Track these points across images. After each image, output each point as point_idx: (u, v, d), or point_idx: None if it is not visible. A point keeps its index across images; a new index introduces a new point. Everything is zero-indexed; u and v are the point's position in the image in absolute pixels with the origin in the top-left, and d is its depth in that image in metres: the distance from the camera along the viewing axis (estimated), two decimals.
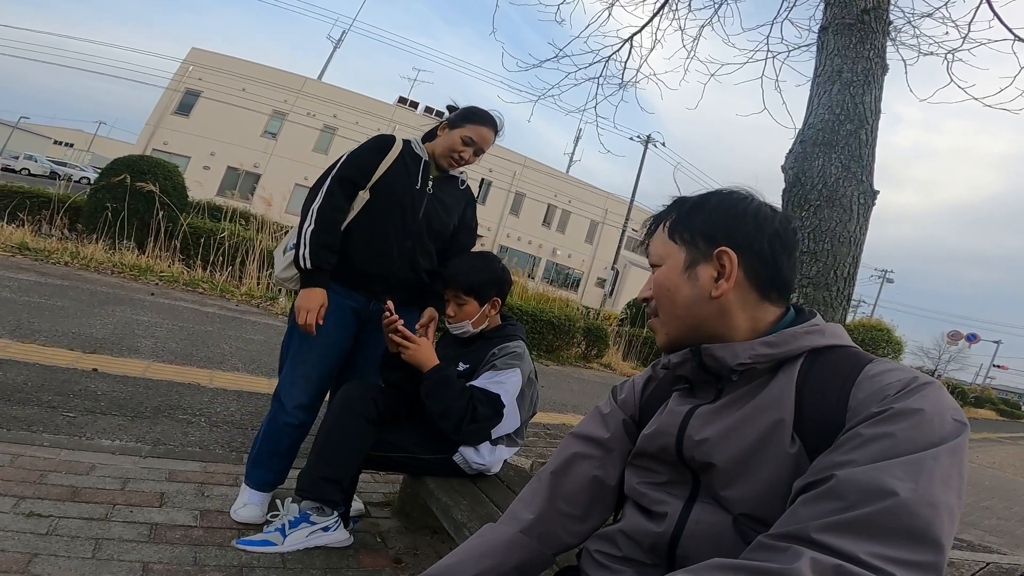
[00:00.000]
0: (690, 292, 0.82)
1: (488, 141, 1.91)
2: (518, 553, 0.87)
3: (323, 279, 1.79)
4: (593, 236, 37.04)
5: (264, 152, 28.03)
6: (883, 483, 0.58)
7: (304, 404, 1.86)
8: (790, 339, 0.78)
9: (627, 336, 11.02)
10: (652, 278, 0.88)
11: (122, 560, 1.44)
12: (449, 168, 1.93)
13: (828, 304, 2.09)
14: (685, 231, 0.84)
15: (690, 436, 0.80)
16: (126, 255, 6.83)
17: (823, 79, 2.15)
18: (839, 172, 1.99)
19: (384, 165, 1.85)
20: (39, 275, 5.37)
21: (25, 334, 3.48)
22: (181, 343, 4.22)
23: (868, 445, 0.62)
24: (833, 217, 1.99)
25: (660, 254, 0.87)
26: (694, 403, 0.84)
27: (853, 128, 2.02)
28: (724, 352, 0.80)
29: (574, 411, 5.54)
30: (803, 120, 2.19)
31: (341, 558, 1.71)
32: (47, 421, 2.32)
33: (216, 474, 2.11)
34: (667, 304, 0.85)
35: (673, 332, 0.85)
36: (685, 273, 0.83)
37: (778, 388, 0.76)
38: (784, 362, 0.78)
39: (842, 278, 2.10)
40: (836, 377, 0.73)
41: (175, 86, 27.18)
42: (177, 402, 2.96)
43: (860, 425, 0.65)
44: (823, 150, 2.04)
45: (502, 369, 1.74)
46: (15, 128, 40.72)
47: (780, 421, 0.73)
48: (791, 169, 2.10)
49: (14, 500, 1.58)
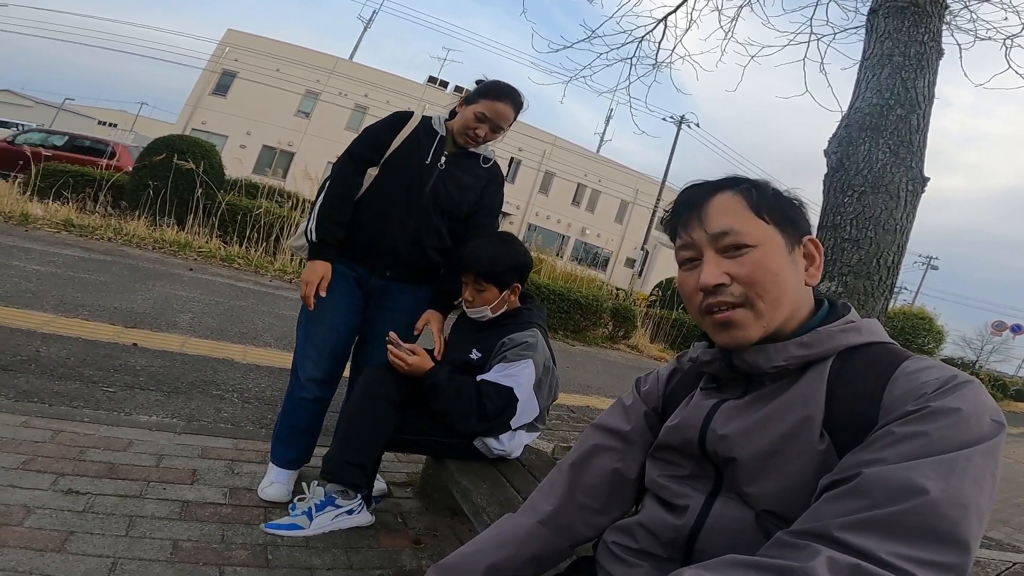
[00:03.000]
0: (794, 277, 0.78)
1: (505, 117, 1.82)
2: (535, 544, 0.88)
3: (327, 252, 1.80)
4: (623, 216, 36.57)
5: (298, 131, 28.53)
6: (912, 481, 0.56)
7: (317, 378, 1.88)
8: (825, 338, 0.75)
9: (656, 318, 10.87)
10: (719, 262, 0.76)
11: (153, 538, 1.49)
12: (466, 146, 1.87)
13: (868, 294, 2.00)
14: (775, 211, 0.79)
15: (714, 430, 0.78)
16: (166, 231, 7.04)
17: (872, 62, 2.05)
18: (887, 158, 1.90)
19: (398, 140, 1.84)
20: (83, 251, 5.59)
21: (69, 309, 3.63)
22: (217, 318, 4.34)
23: (900, 444, 0.60)
24: (878, 204, 1.90)
25: (752, 233, 0.76)
26: (720, 397, 0.82)
27: (904, 113, 1.93)
28: (757, 355, 0.77)
29: (599, 393, 5.51)
30: (849, 104, 2.10)
31: (361, 538, 1.74)
32: (88, 396, 2.42)
33: (246, 451, 2.17)
34: (774, 290, 0.75)
35: (773, 324, 0.76)
36: (789, 256, 0.78)
37: (807, 385, 0.73)
38: (816, 360, 0.75)
39: (885, 267, 2.00)
40: (871, 373, 0.70)
41: (212, 67, 27.86)
42: (211, 377, 3.06)
43: (894, 423, 0.63)
44: (870, 135, 1.95)
45: (513, 361, 1.71)
46: (60, 109, 42.22)
47: (808, 418, 0.70)
48: (834, 154, 2.00)
49: (53, 477, 1.65)
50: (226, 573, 1.43)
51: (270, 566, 1.51)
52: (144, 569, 1.35)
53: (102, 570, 1.31)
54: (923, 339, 12.38)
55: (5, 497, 1.48)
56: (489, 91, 1.82)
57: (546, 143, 32.68)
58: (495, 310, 1.80)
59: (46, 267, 4.56)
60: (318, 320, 1.86)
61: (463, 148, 1.89)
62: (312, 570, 1.54)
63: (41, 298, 3.69)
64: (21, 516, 1.42)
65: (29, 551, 1.30)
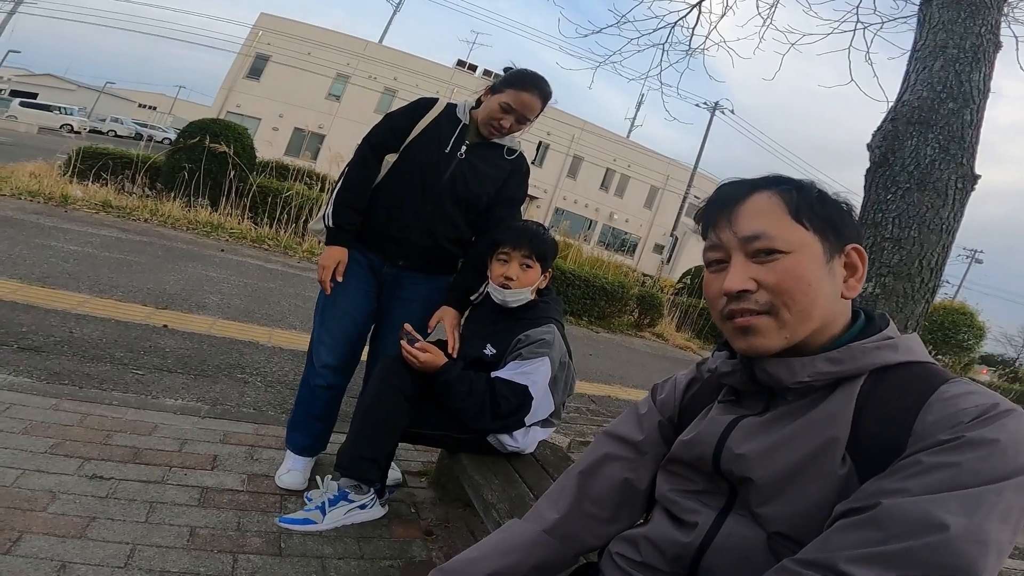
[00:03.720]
0: (830, 289, 0.73)
1: (531, 108, 1.76)
2: (539, 552, 0.86)
3: (342, 238, 1.81)
4: (652, 202, 36.07)
5: (328, 114, 29.00)
6: (933, 516, 0.53)
7: (331, 364, 1.89)
8: (857, 355, 0.69)
9: (683, 306, 10.69)
10: (747, 267, 0.72)
11: (172, 524, 1.52)
12: (490, 136, 1.82)
13: (908, 296, 1.90)
14: (816, 218, 0.73)
15: (730, 448, 0.75)
16: (200, 212, 7.21)
17: (923, 54, 1.94)
18: (935, 153, 1.78)
19: (419, 127, 1.81)
20: (120, 231, 5.76)
21: (104, 289, 3.74)
22: (245, 300, 4.43)
23: (927, 474, 0.56)
24: (924, 201, 1.79)
25: (788, 239, 0.71)
26: (739, 413, 0.78)
27: (956, 107, 1.81)
28: (781, 369, 0.72)
29: (620, 383, 5.46)
30: (896, 96, 1.97)
31: (374, 528, 1.76)
32: (117, 379, 2.49)
33: (266, 436, 2.21)
34: (804, 301, 0.70)
35: (797, 337, 0.71)
36: (827, 265, 0.72)
37: (835, 405, 0.68)
38: (846, 377, 0.70)
39: (928, 268, 1.89)
40: (905, 396, 0.65)
41: (246, 51, 28.56)
42: (237, 360, 3.12)
43: (923, 452, 0.59)
44: (918, 129, 1.83)
45: (528, 358, 1.68)
46: (102, 93, 43.62)
47: (832, 440, 0.66)
48: (878, 148, 1.89)
49: (79, 462, 1.69)
50: (239, 561, 1.45)
51: (283, 554, 1.53)
52: (161, 556, 1.39)
53: (120, 557, 1.34)
54: (963, 335, 11.89)
55: (32, 482, 1.53)
56: (516, 80, 1.76)
57: (575, 127, 32.46)
58: (534, 292, 1.78)
59: (84, 248, 4.72)
60: (333, 306, 1.87)
61: (487, 138, 1.84)
62: (323, 559, 1.56)
63: (77, 279, 3.82)
64: (46, 502, 1.47)
65: (52, 537, 1.34)
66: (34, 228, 4.97)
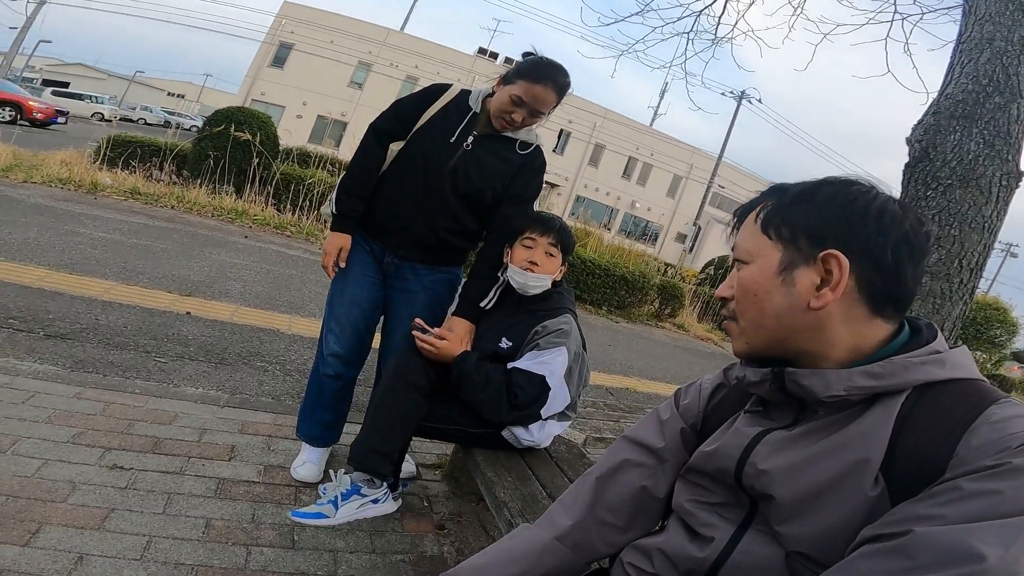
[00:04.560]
0: (783, 299, 0.70)
1: (544, 102, 1.66)
2: (549, 560, 0.84)
3: (345, 224, 1.80)
4: (675, 190, 35.55)
5: (351, 101, 29.17)
6: (968, 546, 0.50)
7: (338, 353, 1.88)
8: (900, 370, 0.64)
9: (705, 296, 10.52)
10: (735, 276, 0.76)
11: (188, 516, 1.54)
12: (501, 130, 1.73)
13: (945, 297, 1.82)
14: (784, 225, 0.70)
15: (753, 463, 0.71)
16: (225, 199, 7.32)
17: (969, 46, 1.84)
18: (979, 149, 1.69)
19: (428, 114, 1.75)
20: (148, 218, 5.88)
21: (130, 276, 3.82)
22: (266, 287, 4.49)
23: (965, 502, 0.53)
24: (966, 199, 1.70)
25: (748, 250, 0.74)
26: (766, 426, 0.74)
27: (1003, 102, 1.72)
28: (813, 381, 0.67)
29: (640, 375, 5.40)
30: (939, 89, 1.87)
31: (386, 521, 1.76)
32: (140, 367, 2.53)
33: (283, 427, 2.22)
34: (752, 311, 0.72)
35: (755, 343, 0.73)
36: (779, 276, 0.70)
37: (871, 423, 0.64)
38: (885, 393, 0.64)
39: (967, 268, 1.80)
40: (949, 416, 0.61)
41: (270, 39, 28.88)
42: (257, 349, 3.15)
43: (964, 477, 0.55)
44: (962, 123, 1.74)
45: (546, 348, 1.65)
46: (132, 82, 44.53)
47: (865, 461, 0.62)
48: (919, 142, 1.80)
49: (100, 452, 1.72)
50: (253, 553, 1.46)
51: (295, 547, 1.54)
52: (176, 548, 1.40)
53: (136, 548, 1.36)
54: (995, 330, 11.48)
55: (54, 472, 1.56)
56: (528, 72, 1.65)
57: (597, 116, 32.15)
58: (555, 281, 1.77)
59: (111, 234, 4.82)
60: (340, 295, 1.88)
61: (499, 131, 1.76)
62: (335, 553, 1.56)
63: (104, 265, 3.90)
64: (67, 492, 1.49)
65: (71, 529, 1.36)
66: (64, 215, 5.10)
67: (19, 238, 4.00)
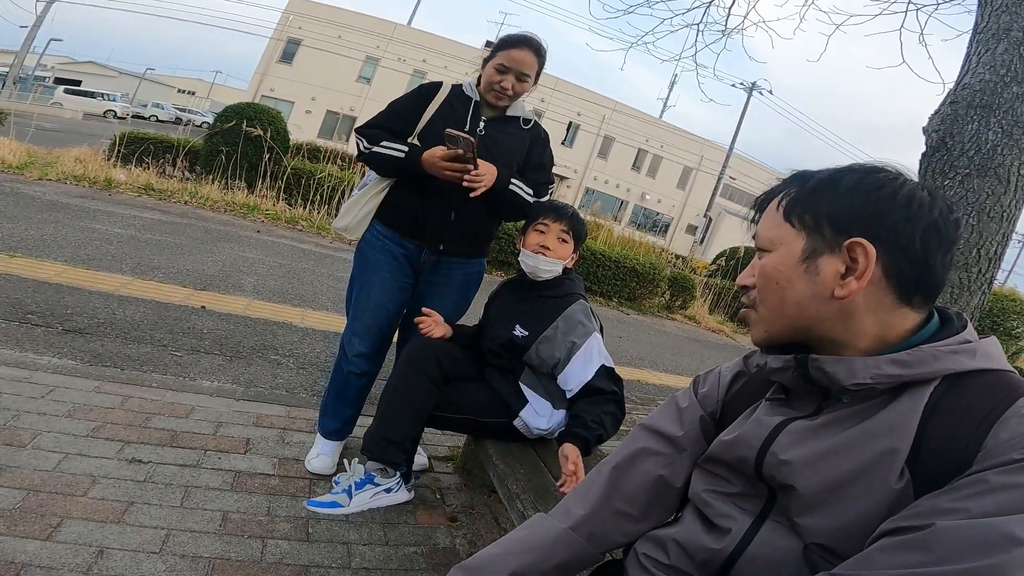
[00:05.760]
0: (806, 288, 0.69)
1: (525, 63, 1.77)
2: (563, 550, 0.83)
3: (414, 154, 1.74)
4: (686, 182, 35.26)
5: (359, 96, 29.21)
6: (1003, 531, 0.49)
7: (364, 353, 1.91)
8: (929, 359, 0.63)
9: (716, 288, 10.45)
10: (756, 265, 0.75)
11: (205, 509, 1.56)
12: (497, 102, 1.82)
13: (964, 287, 1.80)
14: (807, 213, 0.69)
15: (774, 453, 0.70)
16: (237, 195, 7.39)
17: (986, 36, 1.82)
18: (997, 138, 1.67)
19: (430, 111, 1.81)
20: (161, 213, 5.94)
21: (145, 271, 3.87)
22: (279, 280, 4.52)
23: (990, 495, 0.52)
24: (984, 188, 1.68)
25: (770, 238, 0.72)
26: (788, 415, 0.73)
27: (1021, 91, 1.70)
28: (838, 368, 0.66)
29: (651, 367, 5.38)
30: (956, 79, 1.86)
31: (399, 514, 1.78)
32: (157, 360, 2.57)
33: (297, 419, 2.25)
34: (773, 300, 0.71)
35: (776, 331, 0.73)
36: (802, 264, 0.69)
37: (898, 413, 0.62)
38: (913, 382, 0.63)
39: (986, 258, 1.78)
40: (978, 408, 0.59)
41: (278, 35, 28.96)
42: (271, 342, 3.19)
43: (991, 470, 0.53)
44: (980, 113, 1.72)
45: (582, 342, 1.67)
46: (142, 79, 44.87)
47: (892, 452, 0.60)
48: (935, 132, 1.77)
49: (119, 445, 1.75)
50: (268, 546, 1.49)
51: (310, 540, 1.56)
52: (194, 541, 1.43)
53: (155, 541, 1.39)
54: (1012, 322, 11.30)
55: (74, 466, 1.59)
56: (503, 43, 1.80)
57: (606, 108, 32.03)
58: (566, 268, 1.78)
59: (126, 230, 4.88)
60: (366, 298, 1.88)
61: (500, 111, 1.85)
62: (349, 545, 1.58)
63: (120, 260, 3.96)
64: (86, 486, 1.52)
65: (91, 522, 1.39)
66: (79, 211, 5.17)
67: (36, 235, 4.06)
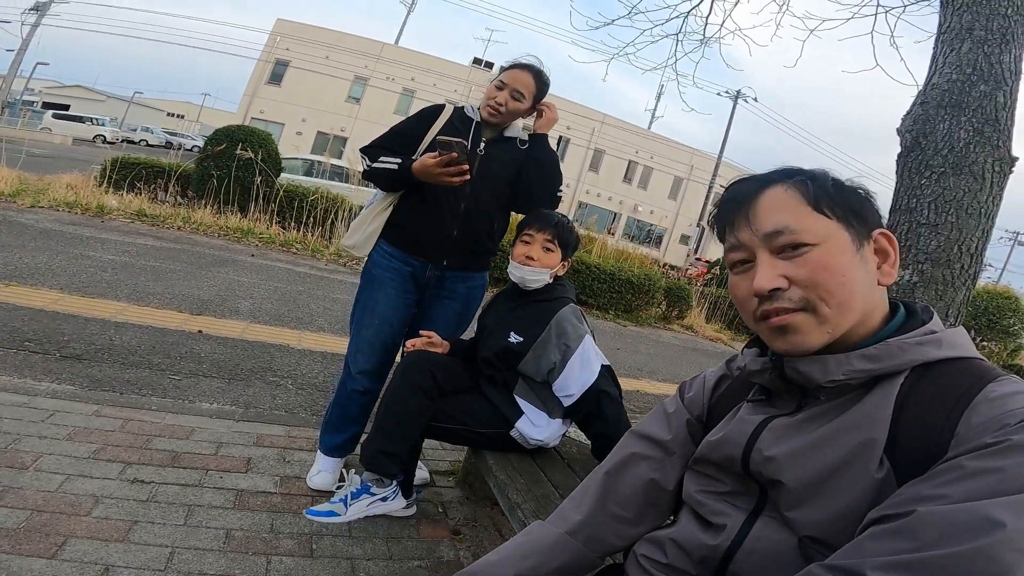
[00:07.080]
0: (865, 277, 0.69)
1: (522, 82, 1.85)
2: (562, 555, 0.85)
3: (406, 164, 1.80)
4: (677, 192, 35.56)
5: (349, 116, 29.46)
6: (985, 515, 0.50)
7: (368, 371, 1.93)
8: (896, 352, 0.66)
9: (712, 297, 10.51)
10: (776, 265, 0.69)
11: (209, 527, 1.57)
12: (491, 118, 1.88)
13: (948, 283, 1.83)
14: (836, 206, 0.70)
15: (759, 450, 0.72)
16: (230, 219, 7.39)
17: (950, 36, 1.88)
18: (969, 136, 1.72)
19: (432, 132, 1.87)
20: (155, 239, 5.95)
21: (141, 297, 3.87)
22: (275, 303, 4.53)
23: (968, 480, 0.53)
24: (960, 186, 1.73)
25: (813, 231, 0.68)
26: (770, 413, 0.75)
27: (988, 89, 1.75)
28: (813, 367, 0.69)
29: (649, 376, 5.40)
30: (925, 80, 1.91)
31: (402, 528, 1.79)
32: (156, 384, 2.57)
33: (298, 439, 2.26)
34: (841, 293, 0.67)
35: (841, 329, 0.68)
36: (857, 254, 0.69)
37: (872, 405, 0.65)
38: (884, 375, 0.66)
39: (967, 254, 1.82)
40: (948, 395, 0.62)
41: (266, 57, 29.20)
42: (268, 364, 3.19)
43: (966, 456, 0.55)
44: (950, 112, 1.77)
45: (576, 346, 1.70)
46: (131, 103, 44.99)
47: (870, 442, 0.63)
48: (909, 132, 1.83)
49: (121, 466, 1.76)
50: (272, 563, 1.49)
51: (313, 555, 1.56)
52: (199, 559, 1.43)
53: (160, 560, 1.39)
54: (1008, 320, 11.38)
55: (77, 487, 1.59)
56: (509, 64, 1.90)
57: (595, 121, 32.35)
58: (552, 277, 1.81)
59: (120, 256, 4.89)
60: (371, 315, 1.92)
61: (499, 131, 1.92)
62: (353, 560, 1.59)
63: (116, 287, 3.96)
64: (90, 506, 1.53)
65: (95, 541, 1.39)
66: (73, 239, 5.17)
67: (30, 263, 4.07)
